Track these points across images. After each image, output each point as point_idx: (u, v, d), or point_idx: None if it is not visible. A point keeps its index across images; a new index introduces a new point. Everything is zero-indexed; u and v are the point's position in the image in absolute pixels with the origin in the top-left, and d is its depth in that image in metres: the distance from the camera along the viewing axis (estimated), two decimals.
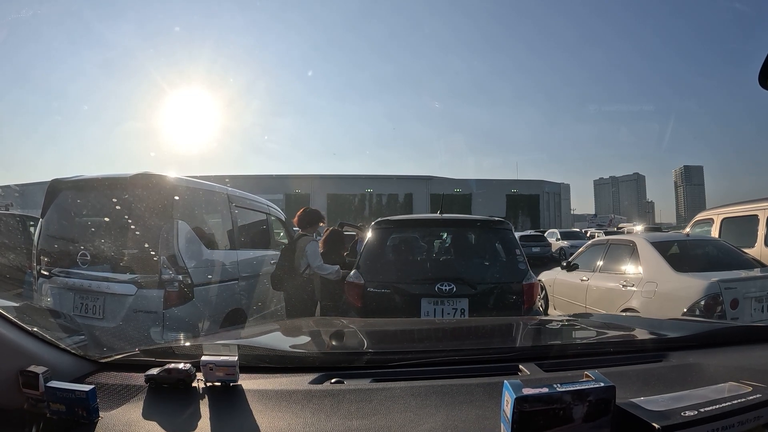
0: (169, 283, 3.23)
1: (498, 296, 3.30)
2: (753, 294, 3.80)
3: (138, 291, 3.22)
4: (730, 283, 3.73)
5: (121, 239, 3.38)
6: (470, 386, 1.01)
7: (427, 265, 3.77)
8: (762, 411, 0.77)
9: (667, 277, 4.10)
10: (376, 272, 3.34)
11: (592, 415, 0.73)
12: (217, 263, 3.78)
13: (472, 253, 3.86)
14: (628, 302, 4.33)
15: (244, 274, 4.12)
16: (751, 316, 3.74)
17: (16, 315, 1.01)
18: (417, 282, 3.29)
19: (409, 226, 4.11)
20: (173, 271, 3.26)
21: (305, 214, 4.17)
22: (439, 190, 49.94)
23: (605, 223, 33.71)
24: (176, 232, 3.34)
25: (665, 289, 4.04)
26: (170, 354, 1.18)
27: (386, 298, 3.21)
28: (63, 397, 0.88)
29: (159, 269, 3.23)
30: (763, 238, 5.44)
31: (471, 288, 3.21)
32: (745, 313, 3.72)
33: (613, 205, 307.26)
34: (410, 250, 3.87)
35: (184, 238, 3.41)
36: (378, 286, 3.25)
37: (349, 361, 1.22)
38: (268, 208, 5.28)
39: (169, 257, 3.27)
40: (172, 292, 3.22)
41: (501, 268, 3.48)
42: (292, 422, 0.87)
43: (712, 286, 3.69)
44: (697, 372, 1.12)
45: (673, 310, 3.73)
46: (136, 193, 3.45)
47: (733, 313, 3.67)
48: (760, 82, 1.09)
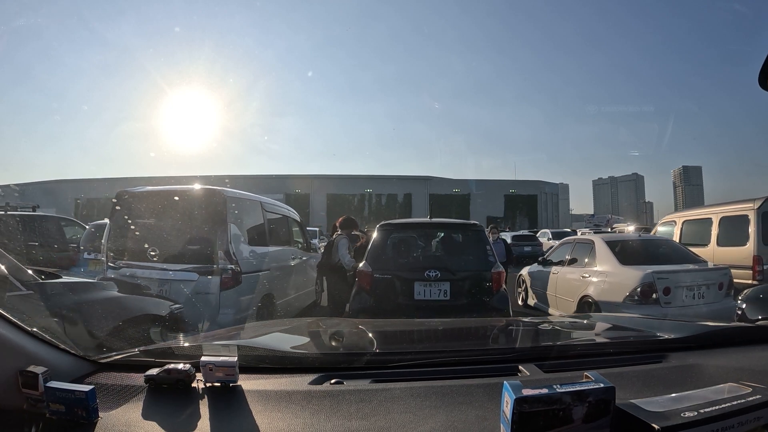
0: (224, 271, 4.09)
1: (472, 281, 4.27)
2: (684, 284, 4.58)
3: (199, 278, 4.06)
4: (662, 274, 4.52)
5: (183, 238, 4.21)
6: (470, 387, 1.01)
7: (419, 257, 4.75)
8: (762, 412, 0.77)
9: (615, 269, 4.97)
10: (380, 263, 4.32)
11: (592, 415, 0.73)
12: (255, 257, 4.70)
13: (453, 248, 4.83)
14: (586, 290, 5.18)
15: (273, 265, 5.10)
16: (682, 302, 4.53)
17: (18, 315, 1.01)
18: (411, 270, 4.28)
19: (406, 227, 5.23)
20: (227, 262, 4.13)
21: (345, 220, 5.56)
22: (438, 190, 50.07)
23: (602, 224, 33.71)
24: (229, 232, 4.22)
25: (612, 279, 4.89)
26: (170, 354, 1.18)
27: (388, 282, 4.21)
28: (62, 398, 0.88)
29: (217, 261, 4.08)
30: (716, 238, 6.43)
31: (452, 274, 4.19)
32: (676, 299, 4.50)
33: (612, 206, 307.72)
34: (406, 246, 4.86)
35: (234, 237, 4.30)
36: (382, 273, 4.22)
37: (348, 362, 1.22)
38: (288, 212, 6.41)
39: (224, 252, 4.14)
40: (227, 278, 4.09)
41: (474, 259, 4.47)
42: (292, 423, 0.86)
43: (647, 276, 4.51)
44: (696, 373, 1.12)
45: (618, 295, 4.66)
46: (196, 202, 4.41)
47: (665, 299, 4.47)
48: (759, 82, 1.09)
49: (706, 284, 4.67)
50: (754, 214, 5.97)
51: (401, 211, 47.05)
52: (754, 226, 5.92)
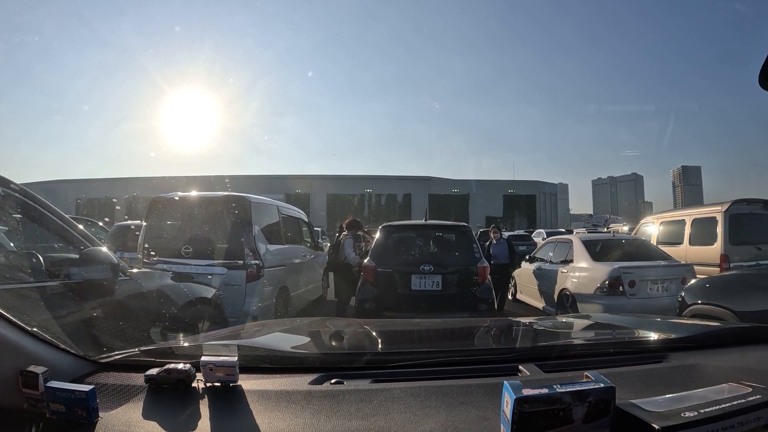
0: (249, 266, 4.70)
1: (460, 274, 4.93)
2: (649, 278, 5.16)
3: (228, 272, 4.61)
4: (628, 269, 5.16)
5: (214, 237, 4.85)
6: (470, 387, 1.01)
7: (416, 254, 5.44)
8: (762, 412, 0.77)
9: (588, 264, 5.63)
10: (382, 259, 5.00)
11: (592, 415, 0.73)
12: (274, 254, 5.35)
13: (444, 246, 5.54)
14: (564, 283, 5.83)
15: (288, 262, 5.81)
16: (647, 293, 5.10)
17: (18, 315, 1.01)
18: (409, 265, 4.96)
19: (404, 228, 5.93)
20: (252, 258, 4.76)
21: (351, 222, 6.06)
22: (437, 190, 50.15)
23: (601, 224, 33.76)
24: (253, 232, 4.88)
25: (586, 273, 5.55)
26: (170, 354, 1.18)
27: (389, 275, 4.89)
28: (62, 397, 0.88)
29: (243, 257, 4.70)
30: (688, 238, 7.04)
31: (443, 268, 4.88)
32: (641, 291, 5.09)
33: (611, 206, 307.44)
34: (405, 244, 5.54)
35: (257, 236, 4.95)
36: (384, 267, 4.91)
37: (349, 362, 1.22)
38: (299, 214, 7.19)
39: (250, 249, 4.77)
40: (252, 272, 4.71)
41: (462, 255, 5.13)
42: (292, 423, 0.86)
43: (614, 270, 5.13)
44: (696, 373, 1.12)
45: (590, 288, 5.31)
46: (225, 207, 5.07)
47: (631, 291, 5.07)
48: (760, 82, 1.09)
49: (670, 279, 5.17)
50: (722, 216, 6.50)
51: (401, 211, 47.14)
52: (721, 227, 6.45)
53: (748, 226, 6.35)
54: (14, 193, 1.97)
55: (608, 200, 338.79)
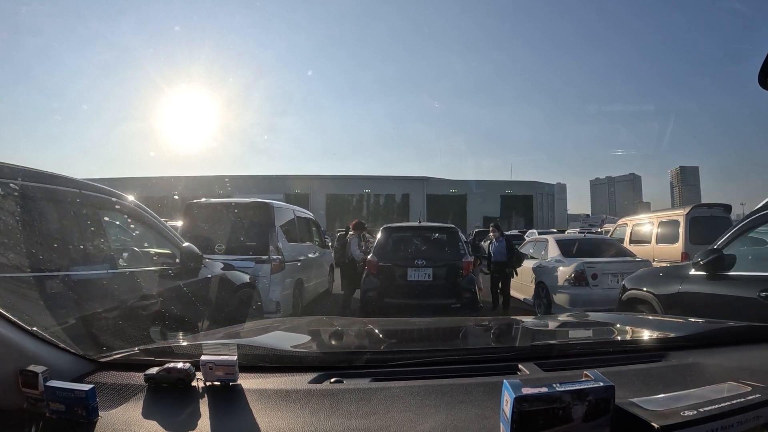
0: (273, 260, 5.52)
1: (448, 267, 5.86)
2: (610, 271, 5.98)
3: (255, 265, 5.33)
4: (590, 263, 6.04)
5: (243, 236, 5.65)
6: (470, 386, 1.01)
7: (411, 250, 6.27)
8: (761, 411, 0.78)
9: (559, 260, 6.51)
10: (383, 254, 6.00)
11: (592, 414, 0.73)
12: (292, 250, 6.18)
13: (436, 244, 6.50)
14: (540, 276, 6.79)
15: (301, 257, 6.68)
16: (608, 285, 5.82)
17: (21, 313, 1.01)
18: (406, 260, 5.92)
19: (402, 229, 6.94)
20: (275, 253, 5.59)
21: (357, 223, 6.88)
22: (435, 190, 50.14)
23: (597, 223, 33.86)
24: (277, 232, 5.77)
25: (557, 267, 6.37)
26: (170, 353, 1.18)
27: (389, 268, 5.87)
28: (62, 397, 0.88)
29: (268, 252, 5.52)
30: (655, 238, 8.04)
31: (433, 262, 5.84)
32: (602, 283, 5.91)
33: (609, 206, 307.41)
34: (403, 242, 6.48)
35: (279, 236, 5.84)
36: (385, 262, 5.91)
37: (348, 361, 1.22)
38: (309, 215, 8.23)
39: (274, 246, 5.62)
40: (275, 265, 5.53)
41: (450, 252, 6.13)
42: (292, 422, 0.86)
43: (579, 265, 6.03)
44: (696, 372, 1.13)
45: (560, 280, 6.19)
46: (252, 211, 5.94)
47: (593, 282, 5.92)
48: (759, 82, 1.10)
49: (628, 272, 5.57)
50: (684, 218, 7.50)
51: (399, 211, 47.13)
52: (683, 228, 7.44)
53: (707, 227, 7.07)
54: (131, 205, 2.80)
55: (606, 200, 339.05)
